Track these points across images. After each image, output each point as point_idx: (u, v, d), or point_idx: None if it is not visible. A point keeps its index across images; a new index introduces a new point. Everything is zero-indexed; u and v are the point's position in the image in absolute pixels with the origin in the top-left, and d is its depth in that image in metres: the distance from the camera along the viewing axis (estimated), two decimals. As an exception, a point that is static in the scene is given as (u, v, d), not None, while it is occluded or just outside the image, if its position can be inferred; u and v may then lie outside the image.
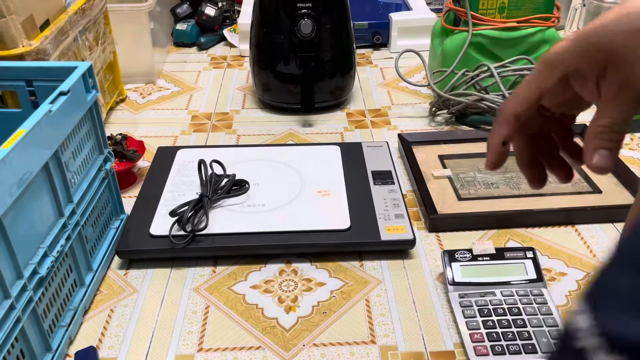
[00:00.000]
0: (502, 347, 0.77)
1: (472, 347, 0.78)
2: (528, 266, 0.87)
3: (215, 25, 1.81)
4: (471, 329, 0.80)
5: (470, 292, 0.85)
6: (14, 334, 0.68)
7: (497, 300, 0.83)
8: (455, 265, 0.89)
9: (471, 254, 0.89)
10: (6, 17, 0.99)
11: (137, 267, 0.95)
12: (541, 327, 0.80)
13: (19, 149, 0.67)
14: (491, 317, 0.81)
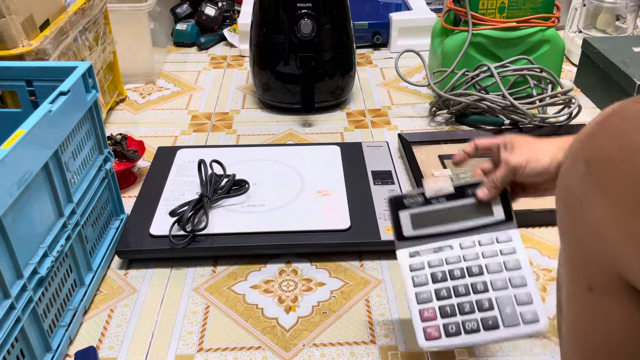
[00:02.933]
0: (457, 326, 0.65)
1: (422, 330, 0.66)
2: (495, 205, 0.71)
3: (215, 25, 1.81)
4: (421, 303, 0.67)
5: (423, 249, 0.70)
6: (13, 334, 0.68)
7: (454, 257, 0.69)
8: (404, 214, 0.72)
9: (423, 198, 0.71)
10: (6, 17, 0.99)
11: (137, 267, 0.95)
12: (506, 290, 0.66)
13: (19, 149, 0.67)
14: (446, 284, 0.68)
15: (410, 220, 0.70)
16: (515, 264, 0.67)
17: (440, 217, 0.70)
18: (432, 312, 0.67)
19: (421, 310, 0.67)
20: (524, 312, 0.65)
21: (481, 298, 0.66)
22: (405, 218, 0.70)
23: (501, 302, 0.65)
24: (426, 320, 0.66)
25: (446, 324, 0.65)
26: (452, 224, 0.70)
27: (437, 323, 0.66)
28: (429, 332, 0.65)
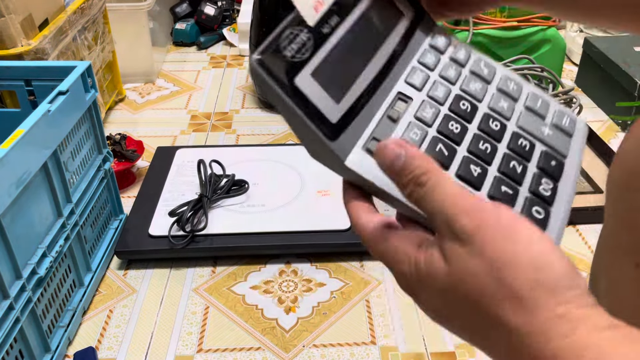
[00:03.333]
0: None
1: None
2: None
3: (215, 25, 1.81)
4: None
5: (375, 127, 0.41)
6: (12, 335, 0.68)
7: (426, 109, 0.42)
8: (305, 79, 0.39)
9: (306, 29, 0.39)
10: (5, 16, 0.98)
11: (136, 268, 0.95)
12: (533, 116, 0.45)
13: (18, 148, 0.67)
14: (458, 150, 0.41)
15: (322, 87, 0.38)
16: (503, 74, 0.47)
17: (352, 55, 0.42)
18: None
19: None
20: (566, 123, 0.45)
21: (516, 141, 0.42)
22: (312, 86, 0.38)
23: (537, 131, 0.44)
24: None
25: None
26: (373, 59, 0.43)
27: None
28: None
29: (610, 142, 1.22)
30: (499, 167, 0.41)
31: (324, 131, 0.38)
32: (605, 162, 1.12)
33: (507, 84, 0.47)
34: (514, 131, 0.43)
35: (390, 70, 0.44)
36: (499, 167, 0.41)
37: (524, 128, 0.44)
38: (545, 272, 0.30)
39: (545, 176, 0.41)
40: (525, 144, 0.43)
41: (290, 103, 0.37)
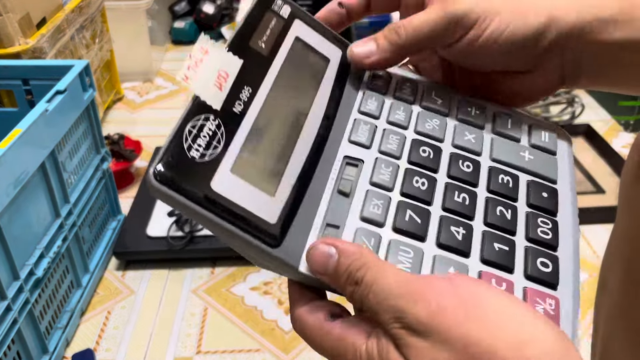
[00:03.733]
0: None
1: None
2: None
3: (214, 23, 1.80)
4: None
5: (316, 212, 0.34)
6: (10, 336, 0.67)
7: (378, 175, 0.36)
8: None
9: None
10: (2, 15, 0.98)
11: (135, 269, 0.94)
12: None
13: (15, 148, 0.66)
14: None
15: (249, 182, 0.31)
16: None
17: (278, 128, 0.34)
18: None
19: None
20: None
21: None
22: (236, 186, 0.30)
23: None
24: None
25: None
26: (304, 124, 0.35)
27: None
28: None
29: (612, 142, 1.22)
30: (484, 219, 0.34)
31: (263, 239, 0.29)
32: (608, 162, 1.12)
33: (468, 110, 0.39)
34: (489, 167, 0.36)
35: (329, 132, 0.36)
36: (484, 219, 0.34)
37: (500, 160, 0.37)
38: (530, 347, 0.25)
39: (540, 214, 0.35)
40: (507, 179, 0.36)
41: (211, 217, 0.29)
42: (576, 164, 1.12)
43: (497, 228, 0.33)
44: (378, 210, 0.33)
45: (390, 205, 0.33)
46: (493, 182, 0.35)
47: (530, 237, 0.33)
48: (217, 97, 0.31)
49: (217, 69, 0.33)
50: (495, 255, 0.32)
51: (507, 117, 0.39)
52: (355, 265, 0.28)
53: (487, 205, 0.34)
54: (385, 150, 0.36)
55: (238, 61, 0.33)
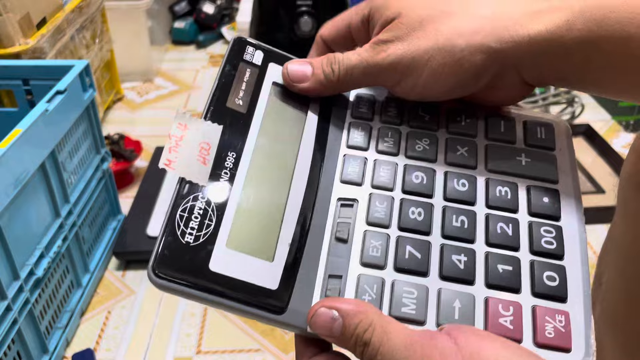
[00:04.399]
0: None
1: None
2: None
3: (214, 23, 1.80)
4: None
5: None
6: (10, 336, 0.67)
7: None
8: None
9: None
10: (2, 15, 0.97)
11: (135, 269, 0.94)
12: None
13: (16, 148, 0.66)
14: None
15: (246, 254, 0.31)
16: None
17: (268, 186, 0.34)
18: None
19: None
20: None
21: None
22: (234, 260, 0.31)
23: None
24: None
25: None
26: (294, 174, 0.35)
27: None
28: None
29: (612, 142, 1.22)
30: (485, 239, 0.33)
31: (267, 308, 0.30)
32: (608, 162, 1.12)
33: (457, 120, 0.38)
34: (486, 179, 0.36)
35: (321, 175, 0.35)
36: (486, 240, 0.33)
37: (496, 170, 0.36)
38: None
39: (542, 222, 0.34)
40: (505, 190, 0.35)
41: (214, 299, 0.29)
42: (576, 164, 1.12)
43: (500, 247, 0.33)
44: (377, 252, 0.32)
45: (389, 243, 0.33)
46: (491, 196, 0.35)
47: (535, 250, 0.33)
48: (202, 174, 0.32)
49: (199, 143, 0.32)
50: (500, 277, 0.32)
51: (499, 120, 0.38)
52: (361, 327, 0.28)
53: (488, 223, 0.34)
54: (378, 184, 0.35)
55: (217, 128, 0.33)
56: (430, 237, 0.33)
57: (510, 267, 0.32)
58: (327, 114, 0.38)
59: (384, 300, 0.31)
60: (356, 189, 0.35)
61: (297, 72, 0.38)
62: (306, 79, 0.38)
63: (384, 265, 0.32)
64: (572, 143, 0.38)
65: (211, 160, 0.32)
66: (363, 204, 0.35)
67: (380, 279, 0.32)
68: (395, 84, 0.37)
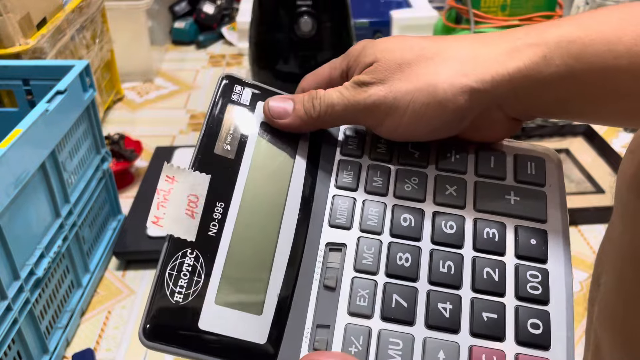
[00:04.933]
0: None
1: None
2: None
3: (214, 23, 1.80)
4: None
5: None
6: (10, 336, 0.67)
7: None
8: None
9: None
10: (3, 15, 0.98)
11: (135, 268, 0.94)
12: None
13: (16, 148, 0.66)
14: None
15: (234, 309, 0.32)
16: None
17: (256, 236, 0.34)
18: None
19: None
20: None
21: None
22: (223, 317, 0.31)
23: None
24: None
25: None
26: (283, 220, 0.35)
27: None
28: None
29: (612, 141, 1.22)
30: (472, 285, 0.33)
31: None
32: (607, 162, 1.12)
33: (447, 156, 0.38)
34: (474, 220, 0.35)
35: (309, 219, 0.35)
36: (472, 285, 0.33)
37: (485, 209, 0.36)
38: None
39: (529, 265, 0.34)
40: (493, 232, 0.35)
41: (205, 357, 0.30)
42: (576, 164, 1.12)
43: (486, 292, 0.33)
44: (364, 302, 0.33)
45: (376, 291, 0.33)
46: (478, 238, 0.35)
47: (520, 296, 0.33)
48: (190, 228, 0.32)
49: (187, 195, 0.32)
50: (485, 326, 0.32)
51: (489, 155, 0.38)
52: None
53: (474, 267, 0.34)
54: (366, 229, 0.35)
55: (205, 179, 0.33)
56: (418, 283, 0.34)
57: (495, 315, 0.32)
58: (316, 152, 0.38)
59: (370, 351, 0.31)
60: (344, 233, 0.35)
61: (277, 108, 0.38)
62: (287, 115, 0.38)
63: (371, 315, 0.33)
64: (562, 176, 0.38)
65: (199, 213, 0.32)
66: (351, 248, 0.35)
67: (367, 328, 0.32)
68: (378, 124, 0.37)
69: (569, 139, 1.20)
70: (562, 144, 1.18)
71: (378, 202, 0.36)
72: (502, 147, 0.38)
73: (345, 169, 0.37)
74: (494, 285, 0.33)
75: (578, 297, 0.87)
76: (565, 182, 0.39)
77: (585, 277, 0.90)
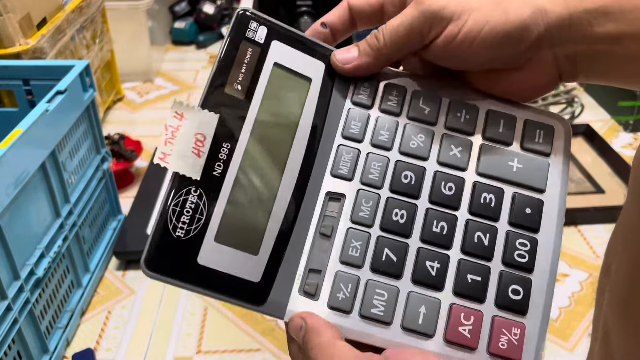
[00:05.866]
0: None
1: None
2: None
3: (214, 23, 1.80)
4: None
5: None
6: (10, 336, 0.67)
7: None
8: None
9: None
10: (3, 15, 0.98)
11: (135, 268, 0.94)
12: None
13: (16, 148, 0.66)
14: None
15: (232, 247, 0.33)
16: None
17: (260, 177, 0.34)
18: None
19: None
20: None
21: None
22: (221, 254, 0.32)
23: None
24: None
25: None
26: (286, 165, 0.35)
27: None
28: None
29: (612, 142, 1.22)
30: (462, 246, 0.34)
31: (248, 299, 0.32)
32: (607, 162, 1.12)
33: (457, 115, 0.37)
34: (474, 182, 0.36)
35: (312, 167, 0.35)
36: (462, 247, 0.34)
37: (486, 173, 0.36)
38: None
39: (520, 233, 0.34)
40: (490, 197, 0.35)
41: (201, 290, 0.32)
42: (576, 164, 1.12)
43: (474, 255, 0.34)
44: (356, 252, 0.34)
45: (369, 243, 0.34)
46: (475, 202, 0.35)
47: (506, 262, 0.34)
48: (195, 167, 0.32)
49: (194, 134, 0.33)
50: (468, 287, 0.33)
51: (499, 117, 0.37)
52: (309, 342, 0.32)
53: (467, 230, 0.34)
54: (367, 182, 0.35)
55: (214, 118, 0.34)
56: (409, 239, 0.34)
57: (479, 278, 0.33)
58: (326, 98, 0.37)
59: (357, 299, 0.33)
60: (345, 184, 0.35)
61: (345, 57, 0.38)
62: (355, 59, 0.38)
63: (361, 265, 0.33)
64: (569, 146, 0.37)
65: (205, 153, 0.33)
66: (350, 200, 0.35)
67: (356, 277, 0.33)
68: (435, 37, 0.36)
69: (568, 139, 1.20)
70: (562, 144, 1.18)
71: (381, 156, 0.36)
72: (514, 110, 0.38)
73: (353, 119, 0.37)
74: (483, 249, 0.34)
75: (579, 297, 0.87)
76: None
77: (585, 277, 0.90)
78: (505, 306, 0.33)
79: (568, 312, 0.84)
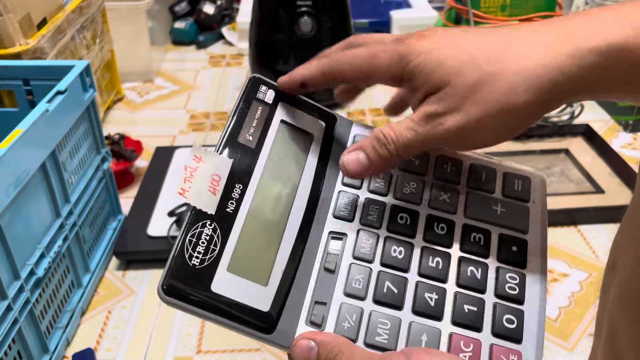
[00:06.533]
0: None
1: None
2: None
3: (214, 24, 1.80)
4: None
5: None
6: (11, 336, 0.67)
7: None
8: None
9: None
10: (3, 15, 0.98)
11: (135, 268, 0.94)
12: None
13: (16, 148, 0.67)
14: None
15: (244, 277, 0.35)
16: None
17: (269, 217, 0.38)
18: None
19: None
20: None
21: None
22: (233, 283, 0.35)
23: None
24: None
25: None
26: (292, 207, 0.39)
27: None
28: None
29: (612, 142, 1.22)
30: (456, 279, 0.37)
31: (258, 328, 0.34)
32: (607, 162, 1.12)
33: (444, 167, 0.42)
34: (464, 225, 0.40)
35: (316, 210, 0.39)
36: (457, 281, 0.37)
37: (474, 217, 0.40)
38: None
39: (509, 268, 0.38)
40: (479, 237, 0.39)
41: (213, 317, 0.34)
42: (575, 164, 1.12)
43: (468, 288, 0.37)
44: (359, 285, 0.37)
45: (371, 277, 0.37)
46: (466, 242, 0.39)
47: (499, 294, 0.37)
48: (211, 203, 0.36)
49: (210, 174, 0.37)
50: (465, 317, 0.36)
51: (482, 170, 0.42)
52: (332, 352, 0.33)
53: (460, 265, 0.38)
54: (366, 222, 0.39)
55: (228, 162, 0.38)
56: (408, 274, 0.37)
57: (475, 308, 0.36)
58: (327, 151, 0.42)
59: (361, 328, 0.35)
60: (346, 224, 0.39)
61: (355, 167, 0.39)
62: (363, 168, 0.39)
63: (364, 297, 0.36)
64: (545, 195, 0.42)
65: (220, 191, 0.37)
66: (351, 238, 0.39)
67: (360, 308, 0.36)
68: (452, 146, 0.40)
69: (568, 139, 1.20)
70: (562, 144, 1.18)
71: (378, 202, 0.40)
72: (494, 165, 0.42)
73: None
74: (477, 282, 0.37)
75: (578, 296, 0.87)
76: (565, 181, 0.41)
77: (585, 277, 0.90)
78: (502, 335, 0.35)
79: (568, 312, 0.84)
